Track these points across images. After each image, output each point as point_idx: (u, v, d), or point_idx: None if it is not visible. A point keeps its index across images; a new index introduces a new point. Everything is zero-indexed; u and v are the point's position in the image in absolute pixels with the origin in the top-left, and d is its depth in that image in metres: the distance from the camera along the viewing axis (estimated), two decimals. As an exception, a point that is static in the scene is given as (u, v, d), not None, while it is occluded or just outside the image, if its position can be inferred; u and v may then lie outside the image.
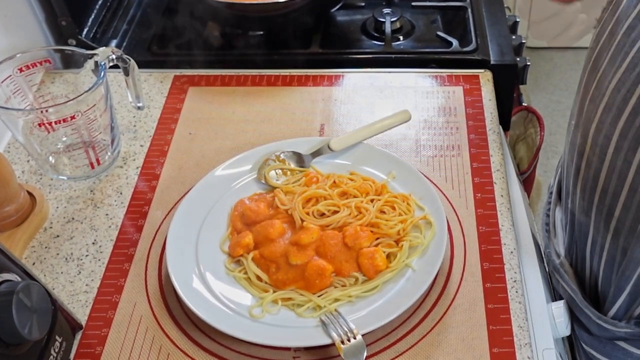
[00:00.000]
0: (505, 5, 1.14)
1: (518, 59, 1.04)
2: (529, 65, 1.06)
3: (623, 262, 0.69)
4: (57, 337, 0.66)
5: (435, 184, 0.85)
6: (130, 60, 0.88)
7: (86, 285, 0.77)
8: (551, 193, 0.91)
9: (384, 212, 0.79)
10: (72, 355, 0.70)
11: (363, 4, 1.17)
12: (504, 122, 1.02)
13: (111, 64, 0.86)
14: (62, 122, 0.81)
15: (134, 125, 0.97)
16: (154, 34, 1.12)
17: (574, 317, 0.78)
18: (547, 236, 0.87)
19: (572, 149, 0.74)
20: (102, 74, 0.83)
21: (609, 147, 0.66)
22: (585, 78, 0.72)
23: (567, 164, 0.78)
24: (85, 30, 1.10)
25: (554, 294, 0.84)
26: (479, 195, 0.84)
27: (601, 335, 0.75)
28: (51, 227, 0.84)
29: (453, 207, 0.82)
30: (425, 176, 0.84)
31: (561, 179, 0.88)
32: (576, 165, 0.73)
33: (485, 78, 1.01)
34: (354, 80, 1.02)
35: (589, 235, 0.74)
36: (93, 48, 0.89)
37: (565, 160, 0.80)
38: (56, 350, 0.66)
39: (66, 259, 0.80)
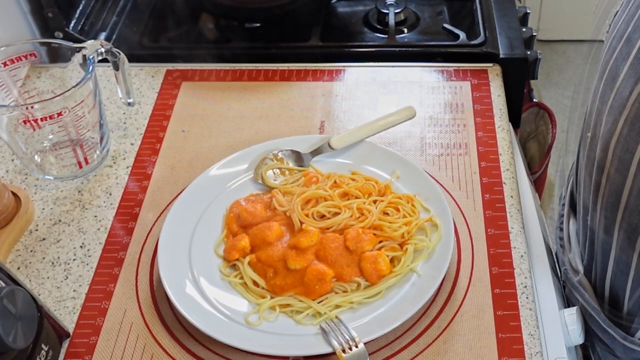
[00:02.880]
0: (515, -4, 1.14)
1: (529, 52, 1.04)
2: (540, 59, 1.06)
3: None
4: (43, 346, 0.66)
5: (441, 184, 0.85)
6: (120, 53, 0.88)
7: (74, 291, 0.77)
8: (563, 205, 0.90)
9: (387, 214, 0.79)
10: (58, 365, 0.71)
11: (365, -6, 1.18)
12: (514, 119, 1.02)
13: (100, 57, 0.86)
14: (48, 119, 0.81)
15: (124, 123, 0.97)
16: (145, 26, 1.12)
17: (596, 336, 0.78)
18: (562, 251, 0.87)
19: (590, 163, 0.74)
20: (91, 68, 0.83)
21: (632, 163, 0.65)
22: (601, 88, 0.71)
23: (584, 178, 0.77)
24: (73, 22, 1.10)
25: (567, 301, 0.84)
26: (488, 196, 0.84)
27: (626, 358, 0.75)
28: (37, 230, 0.84)
29: (460, 209, 0.83)
30: (431, 176, 0.84)
31: (573, 191, 0.87)
32: (595, 180, 0.72)
33: (494, 73, 1.01)
34: (356, 75, 1.02)
35: (611, 254, 0.73)
36: (81, 41, 0.89)
37: (581, 175, 0.80)
38: (42, 359, 0.66)
39: (53, 263, 0.80)
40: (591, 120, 0.74)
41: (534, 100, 1.18)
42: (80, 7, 1.12)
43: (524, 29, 1.09)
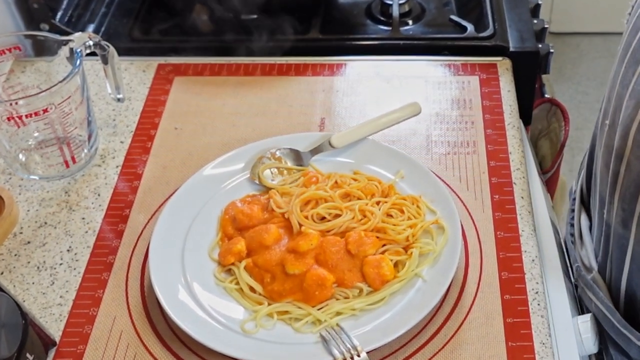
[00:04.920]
0: (526, -14, 1.14)
1: (540, 45, 1.04)
2: (552, 52, 1.06)
3: None
4: (28, 355, 0.66)
5: (448, 185, 0.85)
6: (109, 46, 0.88)
7: (60, 297, 0.77)
8: (574, 200, 0.90)
9: (391, 216, 0.79)
10: (44, 375, 0.71)
11: (368, -16, 1.18)
12: (525, 115, 1.02)
13: (88, 51, 0.86)
14: (33, 115, 0.81)
15: (114, 120, 0.97)
16: (135, 18, 1.12)
17: (610, 339, 0.78)
18: (573, 247, 0.87)
19: (608, 152, 0.73)
20: (78, 62, 0.83)
21: None
22: (622, 71, 0.70)
23: (600, 169, 0.76)
24: (59, 13, 1.10)
25: (580, 307, 0.84)
26: (497, 197, 0.84)
27: None
28: (21, 233, 0.84)
29: (468, 210, 0.83)
30: (437, 176, 0.84)
31: (583, 185, 0.87)
32: (614, 170, 0.72)
33: (504, 67, 1.01)
34: (358, 69, 1.02)
35: (628, 249, 0.73)
36: (68, 33, 0.89)
37: (597, 166, 0.79)
38: (27, 369, 0.66)
39: (38, 267, 0.80)
40: (610, 106, 0.73)
41: (546, 96, 1.18)
42: (67, -2, 1.12)
43: (535, 21, 1.09)
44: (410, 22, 1.11)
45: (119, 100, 0.95)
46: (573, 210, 0.90)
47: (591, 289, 0.79)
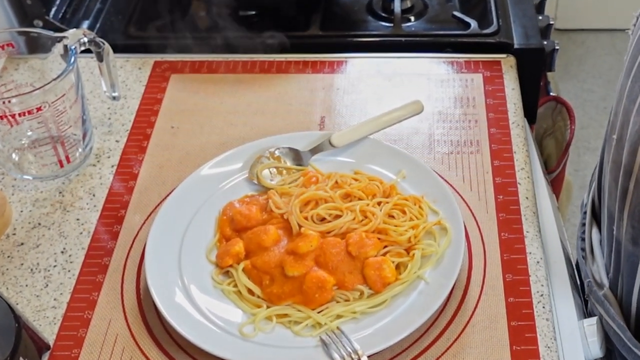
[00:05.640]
0: (530, -18, 1.14)
1: (545, 42, 1.04)
2: (557, 49, 1.06)
3: None
4: (21, 359, 0.66)
5: (451, 185, 0.85)
6: (104, 43, 0.88)
7: (54, 299, 0.77)
8: (585, 213, 0.89)
9: (392, 217, 0.79)
10: (38, 380, 0.71)
11: (369, -21, 1.18)
12: (530, 114, 1.02)
13: (83, 48, 0.86)
14: (27, 114, 0.81)
15: (109, 118, 0.97)
16: (131, 14, 1.12)
17: (620, 355, 0.77)
18: (584, 262, 0.86)
19: (616, 168, 0.73)
20: (73, 59, 0.83)
21: None
22: (628, 85, 0.70)
23: (609, 184, 0.76)
24: (54, 9, 1.10)
25: (586, 310, 0.83)
26: (501, 197, 0.84)
27: None
28: (14, 234, 0.84)
29: (471, 211, 0.82)
30: (440, 176, 0.84)
31: (594, 198, 0.87)
32: (622, 186, 0.72)
33: (508, 64, 1.01)
34: (359, 66, 1.02)
35: (639, 267, 0.73)
36: (62, 30, 0.89)
37: (605, 180, 0.79)
38: (20, 373, 0.66)
39: (32, 269, 0.80)
40: (617, 120, 0.73)
41: (551, 94, 1.18)
42: (62, -6, 1.12)
43: (540, 17, 1.09)
44: (412, 18, 1.11)
45: (114, 98, 0.95)
46: (584, 225, 0.89)
47: (602, 305, 0.78)
